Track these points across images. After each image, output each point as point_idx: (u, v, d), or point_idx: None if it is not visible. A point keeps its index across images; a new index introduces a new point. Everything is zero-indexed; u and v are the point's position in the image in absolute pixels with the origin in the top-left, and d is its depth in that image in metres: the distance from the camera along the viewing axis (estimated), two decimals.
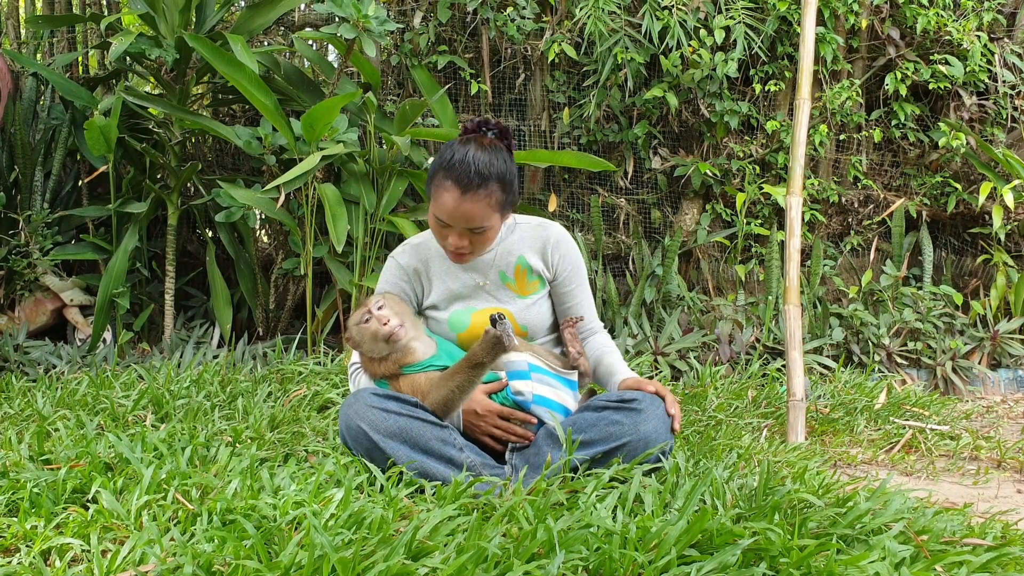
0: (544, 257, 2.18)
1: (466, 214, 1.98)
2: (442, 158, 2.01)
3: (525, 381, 2.02)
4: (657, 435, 1.95)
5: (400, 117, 3.76)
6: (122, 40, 3.49)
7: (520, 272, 2.18)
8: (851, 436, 2.94)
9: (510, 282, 2.18)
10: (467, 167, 1.95)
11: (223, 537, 1.50)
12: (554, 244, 2.18)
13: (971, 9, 4.44)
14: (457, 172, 1.96)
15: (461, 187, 1.96)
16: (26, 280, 3.95)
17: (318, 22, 4.60)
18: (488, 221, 2.01)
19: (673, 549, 1.44)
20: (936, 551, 1.57)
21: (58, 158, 4.13)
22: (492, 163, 1.98)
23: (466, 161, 1.96)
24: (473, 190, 1.96)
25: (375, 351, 2.05)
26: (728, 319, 4.05)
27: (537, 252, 2.19)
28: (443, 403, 1.99)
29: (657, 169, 4.52)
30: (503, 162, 2.00)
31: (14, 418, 2.59)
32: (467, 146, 2.00)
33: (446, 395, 1.98)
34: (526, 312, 2.18)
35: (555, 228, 2.21)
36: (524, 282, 2.18)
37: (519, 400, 2.02)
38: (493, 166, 1.97)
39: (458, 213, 1.98)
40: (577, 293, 2.23)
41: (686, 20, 4.14)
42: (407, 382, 2.04)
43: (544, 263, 2.19)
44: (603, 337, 2.28)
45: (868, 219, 4.63)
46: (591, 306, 2.26)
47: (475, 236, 2.04)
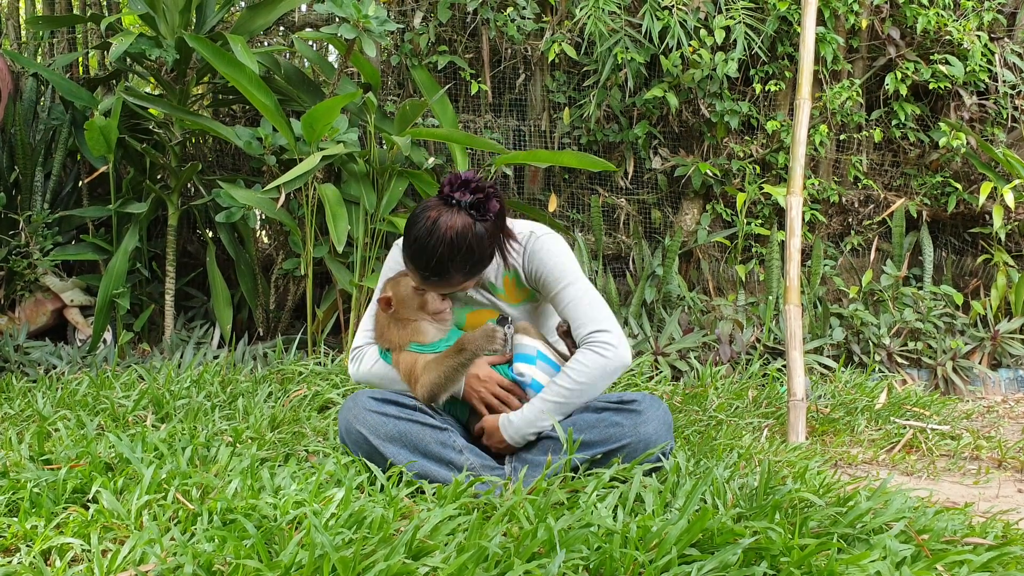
0: (523, 267, 2.11)
1: (432, 289, 2.03)
2: (407, 235, 1.95)
3: (529, 365, 2.04)
4: (657, 436, 1.95)
5: (400, 117, 3.76)
6: (122, 40, 3.49)
7: (509, 282, 2.15)
8: (852, 436, 2.94)
9: (500, 293, 2.16)
10: (426, 259, 1.91)
11: (223, 537, 1.50)
12: (528, 256, 2.07)
13: (971, 9, 4.44)
14: (417, 260, 1.94)
15: (420, 275, 1.97)
16: (26, 280, 3.95)
17: (318, 22, 4.60)
18: (456, 288, 2.04)
19: (674, 548, 1.44)
20: (937, 550, 1.57)
21: (58, 158, 4.13)
22: (452, 256, 1.91)
23: (426, 251, 1.91)
24: (432, 280, 1.97)
25: (407, 313, 2.06)
26: (728, 319, 4.05)
27: (520, 262, 2.12)
28: (431, 386, 2.00)
29: (657, 169, 4.52)
30: (467, 248, 1.91)
31: (14, 418, 2.59)
32: (433, 229, 1.90)
33: (434, 378, 1.99)
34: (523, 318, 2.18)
35: (532, 240, 2.07)
36: (514, 291, 2.16)
37: (518, 380, 2.04)
38: (452, 260, 1.91)
39: (425, 288, 2.03)
40: (564, 296, 2.02)
41: (686, 20, 4.14)
42: (406, 360, 2.05)
43: (525, 274, 2.11)
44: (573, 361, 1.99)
45: (868, 219, 4.62)
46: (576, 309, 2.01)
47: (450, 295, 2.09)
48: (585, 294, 2.01)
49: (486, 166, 4.29)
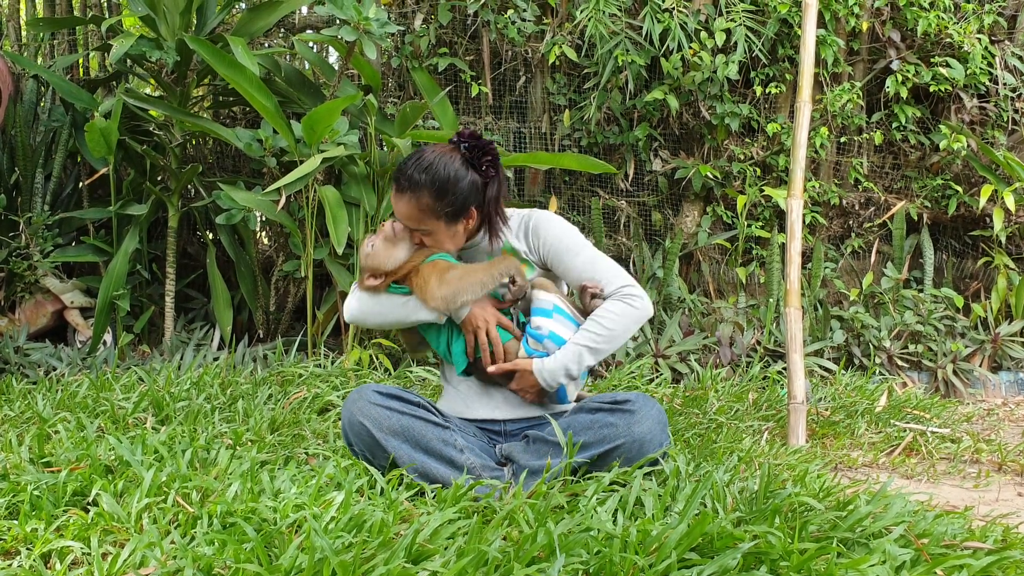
0: (527, 243, 2.16)
1: (402, 213, 2.04)
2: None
3: (546, 318, 2.05)
4: (652, 436, 1.96)
5: (401, 119, 3.76)
6: (123, 42, 3.49)
7: None
8: (852, 439, 2.94)
9: None
10: (404, 168, 2.02)
11: (223, 540, 1.49)
12: (532, 229, 2.13)
13: (972, 11, 4.45)
14: (397, 171, 2.04)
15: (396, 186, 2.03)
16: (26, 282, 3.95)
17: (319, 24, 4.60)
18: (424, 224, 2.03)
19: (673, 553, 1.44)
20: (937, 554, 1.56)
21: (59, 160, 4.13)
22: (430, 168, 1.99)
23: (408, 162, 2.02)
24: (402, 191, 2.01)
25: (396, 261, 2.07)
26: (729, 321, 4.05)
27: (521, 239, 2.16)
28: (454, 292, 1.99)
29: (658, 171, 4.52)
30: (445, 170, 1.99)
31: (14, 420, 2.59)
32: (424, 149, 2.05)
33: (460, 286, 1.99)
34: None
35: (535, 213, 2.16)
36: None
37: (535, 334, 2.04)
38: (429, 172, 1.99)
39: (396, 210, 2.05)
40: (574, 266, 2.07)
41: (687, 22, 4.14)
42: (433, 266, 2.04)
43: (528, 248, 2.16)
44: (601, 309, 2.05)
45: (869, 221, 4.63)
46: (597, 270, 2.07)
47: (421, 234, 2.06)
48: (600, 256, 2.11)
49: None
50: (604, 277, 2.06)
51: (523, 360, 2.04)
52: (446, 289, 1.99)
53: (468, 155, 2.03)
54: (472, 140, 2.05)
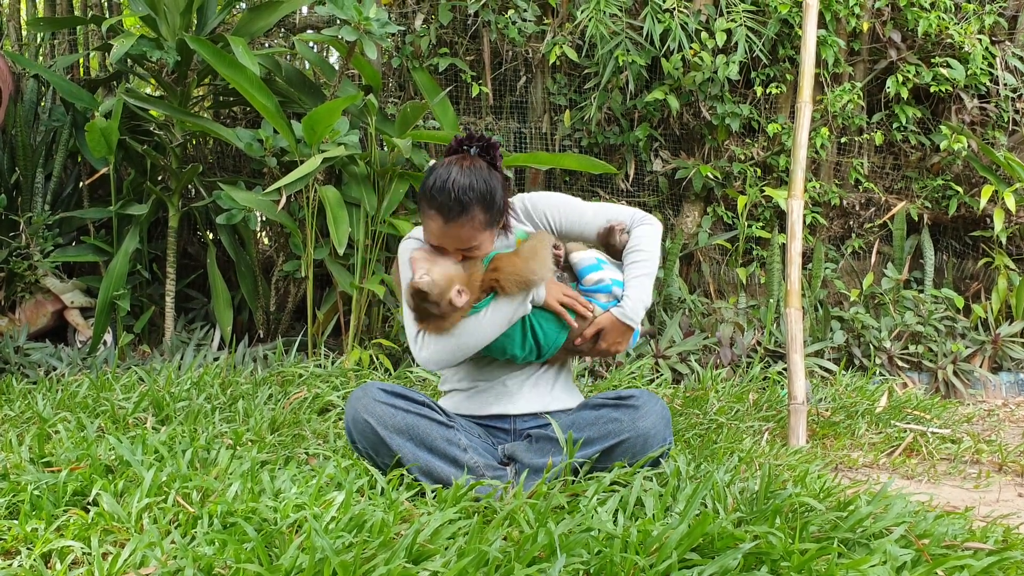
0: (534, 224, 2.19)
1: (453, 238, 1.99)
2: (426, 184, 2.00)
3: (599, 271, 2.10)
4: (656, 431, 1.97)
5: (401, 119, 3.76)
6: (123, 42, 3.50)
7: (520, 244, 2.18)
8: (852, 439, 2.94)
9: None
10: (447, 195, 1.94)
11: (224, 540, 1.49)
12: (532, 208, 2.18)
13: (972, 12, 4.45)
14: (438, 201, 1.95)
15: (444, 216, 1.96)
16: (27, 282, 3.95)
17: (319, 24, 4.60)
18: (476, 240, 2.01)
19: (674, 553, 1.44)
20: (937, 555, 1.56)
21: (59, 160, 4.13)
22: (472, 186, 1.96)
23: (446, 189, 1.94)
24: (455, 218, 1.95)
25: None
26: (729, 322, 4.05)
27: (524, 223, 2.19)
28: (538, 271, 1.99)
29: (658, 172, 4.52)
30: (483, 182, 1.98)
31: (15, 420, 2.59)
32: (449, 169, 1.98)
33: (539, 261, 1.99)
34: None
35: (527, 196, 2.22)
36: None
37: (600, 287, 2.09)
38: (473, 190, 1.95)
39: (446, 239, 2.00)
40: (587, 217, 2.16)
41: (687, 23, 4.14)
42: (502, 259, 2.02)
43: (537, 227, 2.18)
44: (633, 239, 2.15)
45: (869, 222, 4.62)
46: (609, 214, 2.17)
47: (469, 252, 2.04)
48: (600, 204, 2.22)
49: None
50: (617, 216, 2.17)
51: (603, 317, 2.08)
52: (534, 263, 1.99)
53: (486, 157, 2.04)
54: (479, 142, 2.05)
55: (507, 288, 1.98)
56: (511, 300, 2.00)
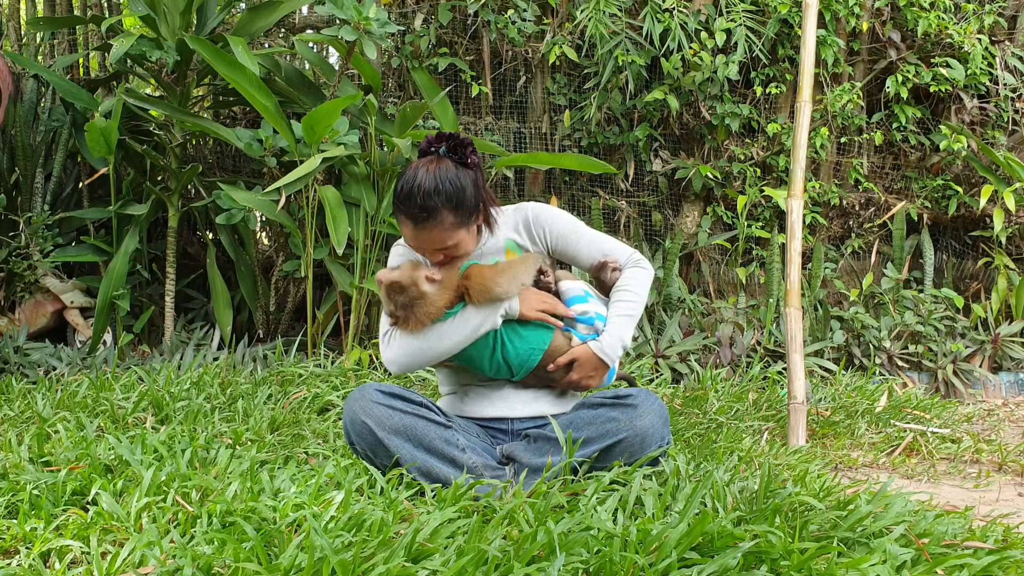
0: (529, 235, 2.18)
1: (426, 241, 2.01)
2: (395, 190, 2.02)
3: (585, 303, 2.09)
4: (654, 429, 1.97)
5: (401, 119, 3.76)
6: (123, 42, 3.50)
7: (510, 255, 2.18)
8: (852, 439, 2.94)
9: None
10: (412, 201, 1.96)
11: (223, 539, 1.49)
12: (533, 220, 2.17)
13: (972, 12, 4.45)
14: (406, 207, 1.97)
15: (413, 221, 1.98)
16: (26, 282, 3.95)
17: (319, 24, 4.60)
18: (451, 240, 2.02)
19: (674, 552, 1.43)
20: (937, 554, 1.56)
21: (59, 160, 4.13)
22: (438, 189, 1.96)
23: (412, 194, 1.96)
24: (423, 223, 1.97)
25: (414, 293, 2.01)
26: (729, 322, 4.04)
27: (521, 233, 2.19)
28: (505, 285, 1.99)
29: (658, 172, 4.52)
30: (449, 183, 1.97)
31: (14, 420, 2.58)
32: (415, 173, 1.98)
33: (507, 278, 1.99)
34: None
35: (529, 206, 2.20)
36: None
37: (583, 319, 2.08)
38: (439, 192, 1.96)
39: (420, 242, 2.02)
40: (582, 246, 2.15)
41: (687, 23, 4.14)
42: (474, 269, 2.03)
43: (531, 240, 2.18)
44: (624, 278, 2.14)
45: (869, 222, 4.62)
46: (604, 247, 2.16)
47: (448, 251, 2.05)
48: (600, 234, 2.20)
49: (487, 168, 4.30)
50: (612, 251, 2.16)
51: (580, 348, 2.06)
52: (502, 278, 1.99)
53: (454, 157, 2.03)
54: (448, 141, 2.04)
55: (473, 297, 2.00)
56: (478, 311, 2.01)
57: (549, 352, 2.05)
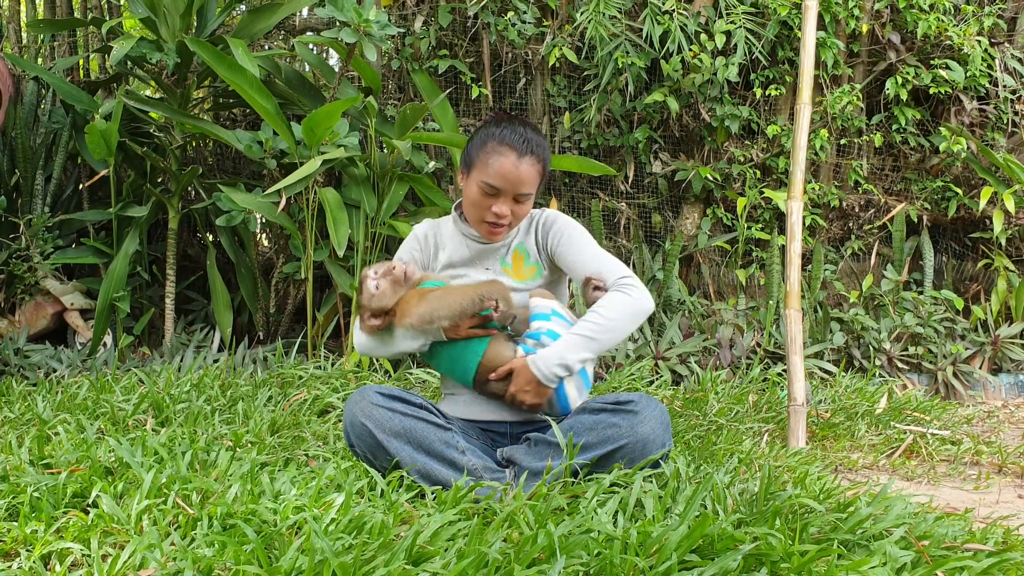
0: (536, 240, 2.21)
1: (521, 177, 2.06)
2: (490, 132, 2.11)
3: (544, 321, 2.07)
4: (655, 436, 1.96)
5: (401, 121, 3.76)
6: (123, 44, 3.50)
7: (518, 257, 2.21)
8: (852, 441, 2.94)
9: (508, 268, 2.21)
10: (521, 135, 2.08)
11: (223, 542, 1.49)
12: (542, 224, 2.21)
13: (971, 14, 4.45)
14: (512, 139, 2.07)
15: (518, 151, 2.06)
16: (26, 284, 3.95)
17: (319, 26, 4.60)
18: (533, 188, 2.11)
19: (674, 554, 1.44)
20: (937, 556, 1.56)
21: (59, 162, 4.14)
22: (538, 136, 2.12)
23: (518, 131, 2.09)
24: (528, 154, 2.07)
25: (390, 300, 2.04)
26: (729, 323, 4.05)
27: (530, 236, 2.22)
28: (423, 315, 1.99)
29: (658, 173, 4.53)
30: (543, 137, 2.15)
31: (14, 422, 2.58)
32: (511, 122, 2.12)
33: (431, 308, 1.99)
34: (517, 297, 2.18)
35: (546, 211, 2.25)
36: (521, 267, 2.21)
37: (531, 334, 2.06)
38: (539, 137, 2.13)
39: (514, 176, 2.06)
40: (581, 259, 2.12)
41: (687, 24, 4.14)
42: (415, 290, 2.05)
43: (537, 246, 2.21)
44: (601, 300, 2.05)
45: (869, 223, 4.63)
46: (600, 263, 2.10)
47: (517, 206, 2.10)
48: (604, 252, 2.16)
49: None
50: (606, 269, 2.09)
51: (518, 359, 2.02)
52: (424, 307, 1.99)
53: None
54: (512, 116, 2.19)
55: (395, 320, 2.03)
56: (404, 332, 2.05)
57: (486, 362, 2.02)
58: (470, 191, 2.11)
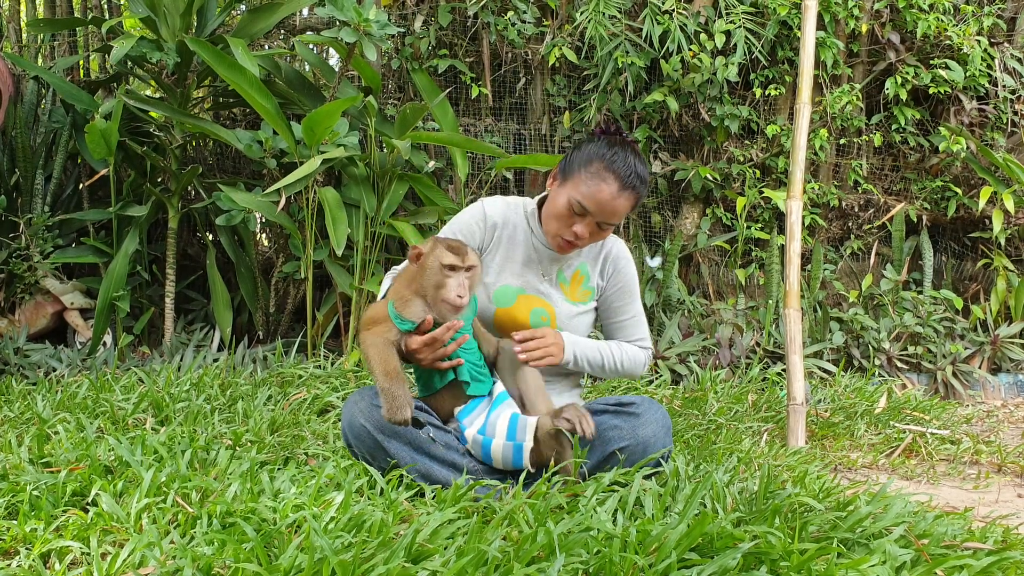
0: (601, 268, 2.23)
1: (616, 209, 2.05)
2: (600, 151, 2.06)
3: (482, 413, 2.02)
4: (656, 439, 1.95)
5: (401, 121, 3.76)
6: (123, 44, 3.50)
7: (577, 278, 2.22)
8: (851, 440, 2.94)
9: (564, 283, 2.21)
10: (630, 167, 2.04)
11: (223, 540, 1.49)
12: (613, 258, 2.23)
13: (971, 14, 4.45)
14: (620, 168, 2.03)
15: (622, 182, 2.03)
16: (27, 283, 3.95)
17: (319, 26, 4.60)
18: (622, 219, 2.10)
19: (673, 553, 1.44)
20: (936, 555, 1.56)
21: (59, 161, 4.14)
22: (644, 170, 2.07)
23: (629, 161, 2.04)
24: (630, 189, 2.04)
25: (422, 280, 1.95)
26: (728, 323, 4.05)
27: (596, 263, 2.23)
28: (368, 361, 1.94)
29: (657, 173, 4.53)
30: (647, 170, 2.10)
31: (14, 421, 2.58)
32: (623, 148, 2.07)
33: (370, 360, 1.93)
34: (569, 320, 2.18)
35: (618, 243, 2.26)
36: (578, 288, 2.22)
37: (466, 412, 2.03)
38: (645, 170, 2.08)
39: (610, 206, 2.04)
40: (625, 310, 2.24)
41: (687, 24, 4.14)
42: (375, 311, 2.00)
43: (600, 274, 2.23)
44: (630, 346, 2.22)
45: (868, 223, 4.63)
46: (638, 324, 2.25)
47: (599, 231, 2.09)
48: (642, 313, 2.29)
49: (487, 169, 4.30)
50: (640, 331, 2.25)
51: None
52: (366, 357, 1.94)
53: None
54: (621, 131, 2.16)
55: None
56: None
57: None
58: (558, 201, 2.08)
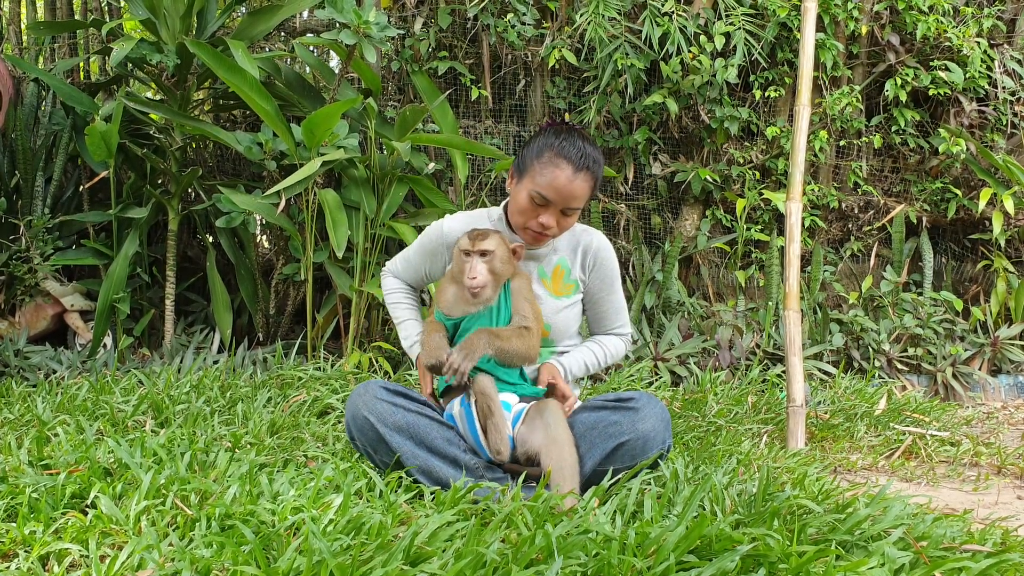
0: (582, 262, 2.25)
1: (574, 192, 2.07)
2: (549, 140, 2.10)
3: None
4: (656, 433, 1.97)
5: (401, 123, 3.76)
6: (123, 46, 3.50)
7: (558, 273, 2.24)
8: (851, 442, 2.94)
9: (546, 279, 2.24)
10: (580, 149, 2.08)
11: (222, 542, 1.49)
12: (594, 251, 2.25)
13: (971, 15, 4.45)
14: (570, 152, 2.07)
15: (575, 166, 2.06)
16: (27, 285, 3.95)
17: (319, 28, 4.60)
18: (583, 202, 2.12)
19: (672, 555, 1.44)
20: (935, 557, 1.56)
21: (59, 163, 4.14)
22: (595, 151, 2.12)
23: (578, 145, 2.09)
24: (585, 170, 2.07)
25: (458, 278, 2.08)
26: (728, 325, 4.05)
27: (576, 255, 2.26)
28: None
29: (657, 175, 4.53)
30: (599, 152, 2.14)
31: (14, 423, 2.59)
32: (570, 134, 2.11)
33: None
34: (556, 315, 2.22)
35: (597, 236, 2.28)
36: (559, 283, 2.24)
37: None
38: (597, 152, 2.12)
39: (567, 190, 2.07)
40: (608, 300, 2.30)
41: (686, 26, 4.15)
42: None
43: (581, 268, 2.26)
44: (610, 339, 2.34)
45: (868, 225, 4.63)
46: (619, 311, 2.34)
47: (564, 218, 2.12)
48: (623, 297, 2.36)
49: (486, 171, 4.30)
50: (621, 318, 2.34)
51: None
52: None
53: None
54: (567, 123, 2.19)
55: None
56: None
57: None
58: (519, 197, 2.12)
